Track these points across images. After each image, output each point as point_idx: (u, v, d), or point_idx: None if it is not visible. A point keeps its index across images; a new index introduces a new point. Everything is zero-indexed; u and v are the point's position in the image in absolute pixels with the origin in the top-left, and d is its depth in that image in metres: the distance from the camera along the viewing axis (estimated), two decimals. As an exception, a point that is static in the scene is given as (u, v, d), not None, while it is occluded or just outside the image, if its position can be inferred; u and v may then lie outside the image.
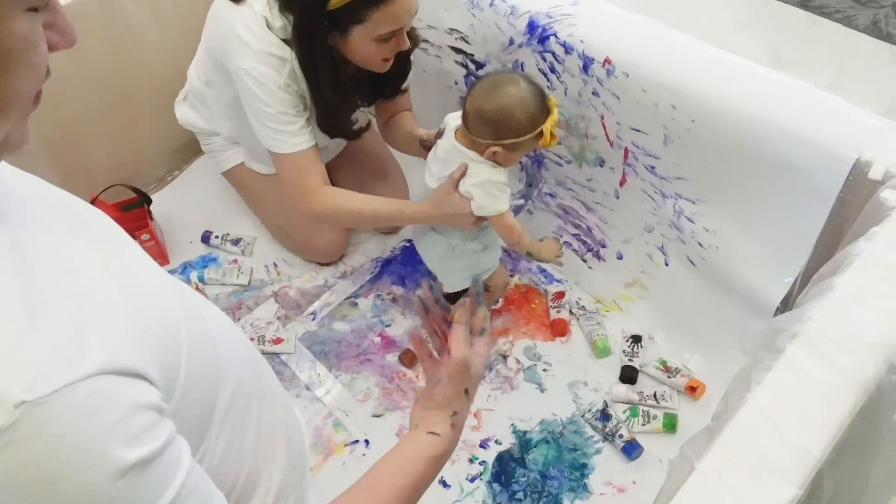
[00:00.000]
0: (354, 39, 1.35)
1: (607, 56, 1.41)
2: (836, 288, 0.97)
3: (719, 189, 1.38)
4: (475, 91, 1.29)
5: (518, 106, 1.25)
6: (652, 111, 1.39)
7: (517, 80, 1.27)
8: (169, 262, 1.89)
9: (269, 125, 1.43)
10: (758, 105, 1.26)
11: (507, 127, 1.26)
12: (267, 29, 1.39)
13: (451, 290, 1.54)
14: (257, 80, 1.39)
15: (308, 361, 1.65)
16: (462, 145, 1.33)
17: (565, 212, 1.71)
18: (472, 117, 1.29)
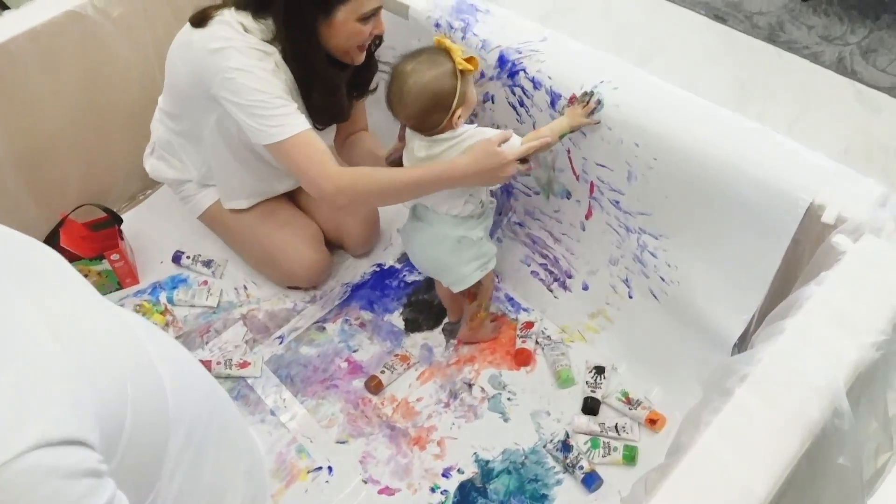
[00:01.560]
0: (339, 21, 1.40)
1: (573, 93, 1.44)
2: (785, 331, 1.00)
3: (681, 225, 1.41)
4: (395, 104, 1.37)
5: (426, 83, 1.32)
6: (616, 147, 1.42)
7: (404, 72, 1.34)
8: (139, 282, 1.89)
9: (267, 114, 1.40)
10: (717, 146, 1.30)
11: (441, 99, 1.33)
12: (245, 32, 1.42)
13: (464, 286, 1.54)
14: (246, 71, 1.39)
15: (274, 386, 1.65)
16: (436, 137, 1.38)
17: (533, 241, 1.74)
18: (417, 120, 1.36)
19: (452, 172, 1.38)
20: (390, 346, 1.71)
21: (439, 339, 1.71)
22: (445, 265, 1.53)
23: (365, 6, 1.41)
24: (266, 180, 1.74)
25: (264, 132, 1.41)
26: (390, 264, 1.88)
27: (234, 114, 1.43)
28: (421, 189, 1.42)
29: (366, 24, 1.44)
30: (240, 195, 1.74)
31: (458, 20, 1.59)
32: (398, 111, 1.38)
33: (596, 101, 1.40)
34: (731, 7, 2.66)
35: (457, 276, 1.53)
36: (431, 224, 1.49)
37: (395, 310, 1.78)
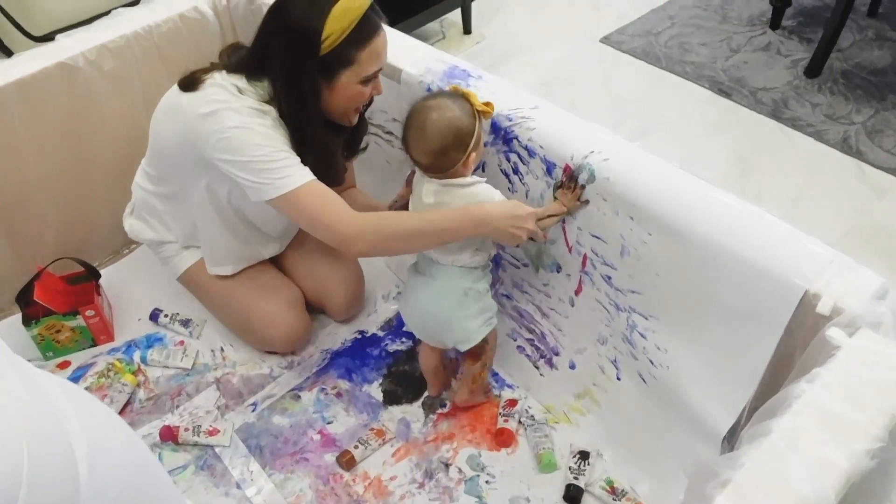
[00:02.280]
0: (341, 85, 1.40)
1: (567, 164, 1.39)
2: (772, 433, 0.92)
3: (671, 307, 1.35)
4: (412, 143, 1.36)
5: (450, 119, 1.33)
6: (611, 220, 1.37)
7: (427, 107, 1.34)
8: (113, 339, 1.83)
9: (273, 167, 1.35)
10: (711, 227, 1.24)
11: (462, 137, 1.34)
12: (240, 94, 1.39)
13: (471, 343, 1.47)
14: (245, 128, 1.35)
15: (242, 457, 1.57)
16: (448, 181, 1.37)
17: (520, 315, 1.67)
18: (435, 157, 1.35)
19: (483, 216, 1.36)
20: (367, 418, 1.63)
21: (418, 414, 1.64)
22: (451, 321, 1.46)
23: (368, 69, 1.40)
24: (252, 245, 1.70)
25: (269, 185, 1.35)
26: (373, 332, 1.81)
27: (233, 174, 1.37)
28: (450, 232, 1.37)
29: (366, 86, 1.44)
30: (225, 261, 1.69)
31: (449, 85, 1.56)
32: (417, 146, 1.36)
33: (581, 186, 1.39)
34: (735, 82, 2.65)
35: (464, 333, 1.47)
36: (436, 277, 1.45)
37: (374, 380, 1.71)
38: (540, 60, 2.81)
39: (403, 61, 1.65)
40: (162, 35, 1.87)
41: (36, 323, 1.72)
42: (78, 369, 1.76)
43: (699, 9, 3.01)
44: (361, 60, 1.38)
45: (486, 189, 1.40)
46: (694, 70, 2.69)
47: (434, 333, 1.52)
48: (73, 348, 1.80)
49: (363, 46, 1.37)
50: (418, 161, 1.38)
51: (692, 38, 2.85)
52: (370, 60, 1.39)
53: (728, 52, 2.77)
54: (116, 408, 1.66)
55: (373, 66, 1.41)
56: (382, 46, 1.41)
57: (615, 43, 2.85)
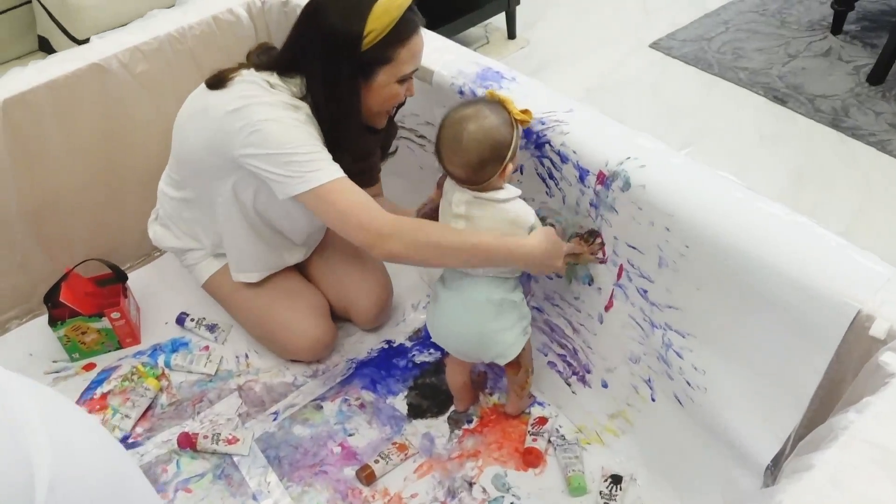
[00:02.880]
0: (378, 84, 1.36)
1: (601, 170, 1.32)
2: (814, 468, 0.83)
3: (710, 325, 1.25)
4: (447, 155, 1.29)
5: (488, 130, 1.25)
6: (647, 230, 1.29)
7: (464, 117, 1.27)
8: (139, 342, 1.81)
9: (303, 159, 1.30)
10: (754, 239, 1.15)
11: (499, 149, 1.26)
12: (272, 88, 1.36)
13: (511, 356, 1.41)
14: (275, 120, 1.31)
15: (260, 467, 1.53)
16: (482, 195, 1.30)
17: (551, 329, 1.59)
18: (472, 169, 1.28)
19: (521, 250, 1.31)
20: (390, 432, 1.57)
21: (443, 429, 1.57)
22: (486, 335, 1.39)
23: (405, 68, 1.37)
24: (277, 252, 1.66)
25: (298, 179, 1.30)
26: (400, 342, 1.75)
27: (260, 169, 1.33)
28: (485, 258, 1.31)
29: (402, 86, 1.40)
30: (251, 268, 1.65)
31: (481, 87, 1.50)
32: (452, 159, 1.29)
33: (600, 245, 1.36)
34: (792, 88, 2.52)
35: (501, 347, 1.40)
36: (466, 290, 1.37)
37: (399, 392, 1.64)
38: (586, 67, 2.73)
39: (436, 63, 1.59)
40: (195, 37, 1.85)
41: (62, 324, 1.71)
42: (102, 372, 1.75)
43: (756, 13, 2.88)
44: (400, 59, 1.35)
45: (520, 207, 1.33)
46: (748, 76, 2.57)
47: (469, 350, 1.45)
48: (99, 350, 1.78)
49: (402, 45, 1.34)
50: (453, 173, 1.31)
51: (747, 44, 2.73)
52: (408, 59, 1.36)
53: (785, 57, 2.65)
54: (138, 412, 1.63)
55: (410, 66, 1.38)
56: (420, 46, 1.38)
57: (665, 49, 2.74)
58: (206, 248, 1.70)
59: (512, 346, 1.39)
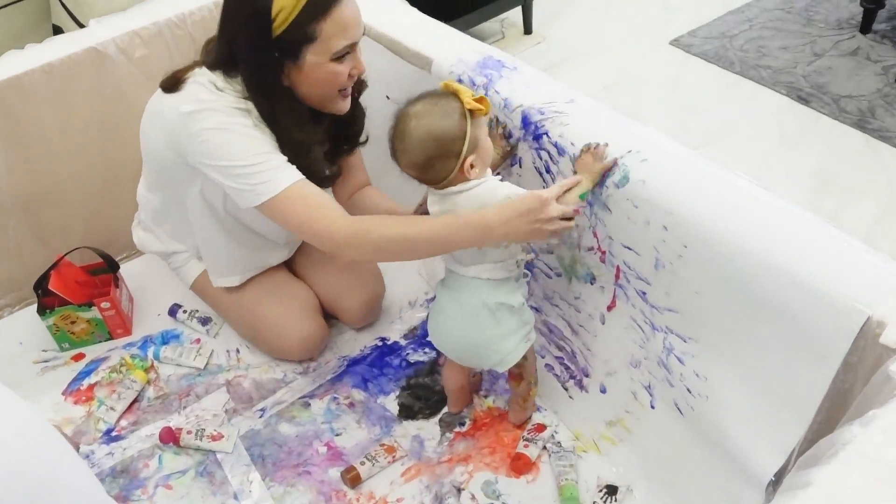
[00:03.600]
0: (309, 65, 1.26)
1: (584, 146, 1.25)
2: (812, 484, 0.75)
3: (712, 329, 1.18)
4: (397, 151, 1.21)
5: (429, 125, 1.16)
6: (643, 230, 1.21)
7: (405, 114, 1.18)
8: (130, 332, 1.77)
9: (253, 171, 1.24)
10: (756, 237, 1.07)
11: (446, 144, 1.16)
12: (219, 91, 1.30)
13: (508, 364, 1.33)
14: (223, 130, 1.26)
15: (244, 465, 1.48)
16: (446, 190, 1.22)
17: (549, 330, 1.52)
18: (421, 169, 1.20)
19: (483, 223, 1.18)
20: (379, 433, 1.51)
21: (434, 432, 1.51)
22: (483, 342, 1.31)
23: (335, 44, 1.25)
24: (259, 253, 1.60)
25: (252, 192, 1.26)
26: (395, 340, 1.69)
27: (216, 179, 1.29)
28: (445, 241, 1.21)
29: (341, 64, 1.28)
30: (231, 271, 1.60)
31: (481, 76, 1.44)
32: (400, 159, 1.21)
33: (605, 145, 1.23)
34: (816, 88, 2.42)
35: (499, 355, 1.32)
36: (461, 292, 1.30)
37: (391, 392, 1.58)
38: (604, 63, 2.65)
39: (435, 50, 1.53)
40: (195, 23, 1.81)
41: (51, 313, 1.67)
42: (91, 362, 1.71)
43: (782, 11, 2.79)
44: (325, 34, 1.23)
45: (488, 188, 1.21)
46: (771, 75, 2.48)
47: (466, 356, 1.38)
48: (89, 341, 1.74)
49: (323, 18, 1.22)
50: (408, 174, 1.23)
51: (771, 42, 2.63)
52: (335, 33, 1.23)
53: (811, 56, 2.55)
54: (123, 405, 1.59)
55: (340, 40, 1.25)
56: (349, 16, 1.24)
57: (685, 46, 2.66)
58: (189, 249, 1.66)
59: (511, 353, 1.32)
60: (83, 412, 1.61)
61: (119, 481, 1.47)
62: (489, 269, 1.27)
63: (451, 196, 1.22)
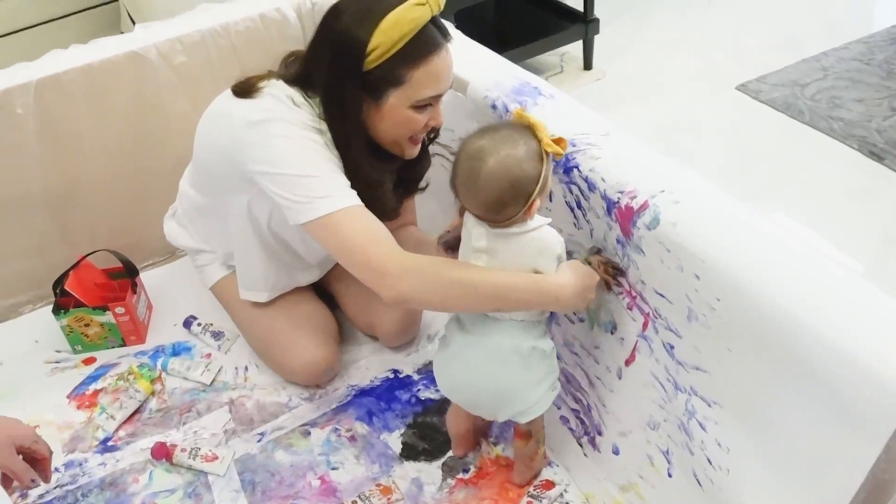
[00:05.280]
0: (389, 107, 1.22)
1: (627, 202, 1.15)
2: None
3: (740, 394, 1.05)
4: (463, 188, 1.11)
5: (509, 167, 1.07)
6: (675, 276, 1.10)
7: (481, 150, 1.08)
8: (144, 340, 1.74)
9: (314, 184, 1.18)
10: (797, 297, 0.95)
11: (523, 188, 1.08)
12: (296, 106, 1.26)
13: (535, 414, 1.23)
14: (291, 139, 1.21)
15: (233, 491, 1.41)
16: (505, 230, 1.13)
17: (567, 380, 1.41)
18: (490, 211, 1.11)
19: (553, 287, 1.13)
20: (377, 471, 1.42)
21: (435, 476, 1.41)
22: (512, 390, 1.20)
23: (420, 93, 1.21)
24: (290, 272, 1.56)
25: (307, 205, 1.19)
26: (407, 373, 1.60)
27: (271, 190, 1.22)
28: (512, 302, 1.13)
29: (421, 113, 1.25)
30: (261, 287, 1.55)
31: (515, 102, 1.36)
32: (468, 197, 1.12)
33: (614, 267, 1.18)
34: (892, 145, 2.25)
35: (527, 403, 1.21)
36: (488, 336, 1.18)
37: (395, 428, 1.49)
38: (663, 104, 2.54)
39: (471, 73, 1.46)
40: (239, 34, 1.79)
41: (65, 313, 1.65)
42: (101, 367, 1.68)
43: (860, 62, 2.63)
44: (413, 81, 1.20)
45: (547, 235, 1.14)
46: (843, 128, 2.32)
47: (485, 405, 1.26)
48: (102, 345, 1.71)
49: (416, 65, 1.19)
50: (471, 211, 1.14)
51: (846, 93, 2.48)
52: (424, 83, 1.21)
53: (888, 111, 2.38)
54: (124, 414, 1.55)
55: (427, 90, 1.22)
56: (442, 69, 1.22)
57: (752, 92, 2.53)
58: (217, 253, 1.62)
59: (537, 403, 1.22)
60: (84, 418, 1.57)
61: (105, 494, 1.42)
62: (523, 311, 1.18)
63: (506, 237, 1.13)
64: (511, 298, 1.12)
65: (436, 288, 1.13)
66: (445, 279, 1.13)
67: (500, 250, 1.14)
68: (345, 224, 1.18)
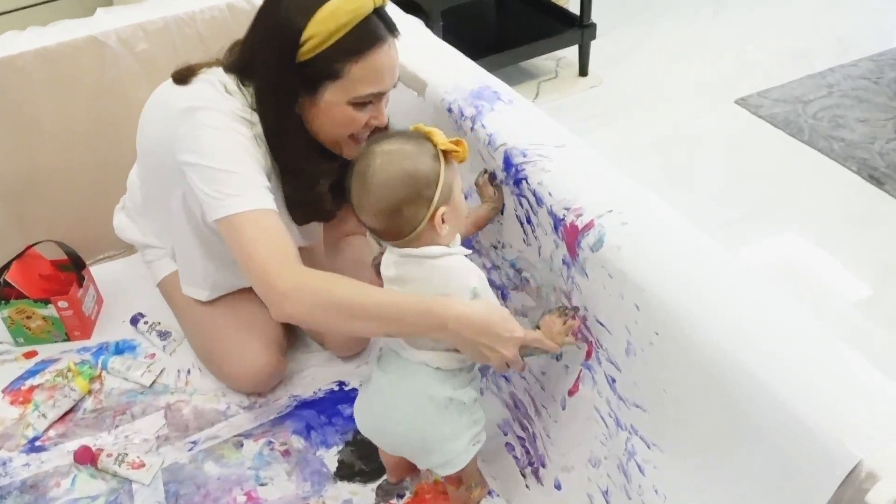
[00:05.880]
0: (326, 102, 1.16)
1: (572, 220, 1.06)
2: None
3: (678, 437, 0.97)
4: (356, 202, 1.03)
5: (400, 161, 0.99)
6: (617, 305, 1.02)
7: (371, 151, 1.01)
8: (89, 337, 1.67)
9: (228, 180, 1.11)
10: (741, 342, 0.86)
11: (418, 185, 0.99)
12: (228, 94, 1.20)
13: (456, 467, 1.13)
14: (218, 129, 1.15)
15: (156, 502, 1.33)
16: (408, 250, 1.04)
17: (515, 404, 1.32)
18: (385, 218, 1.01)
19: (445, 318, 1.00)
20: (308, 490, 1.34)
21: (368, 499, 1.32)
22: (429, 440, 1.11)
23: (359, 89, 1.14)
24: (233, 271, 1.46)
25: (218, 202, 1.12)
26: (353, 386, 1.52)
27: (193, 181, 1.16)
28: (402, 325, 1.03)
29: (360, 111, 1.18)
30: (201, 284, 1.48)
31: (471, 106, 1.28)
32: (362, 206, 1.02)
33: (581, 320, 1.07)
34: (894, 168, 2.14)
35: (446, 456, 1.12)
36: (403, 379, 1.10)
37: (334, 444, 1.41)
38: (661, 115, 2.44)
39: (432, 74, 1.38)
40: (205, 22, 1.72)
41: (6, 304, 1.59)
42: (42, 362, 1.61)
43: (868, 80, 2.51)
44: (351, 76, 1.13)
45: (457, 263, 1.04)
46: (843, 149, 2.21)
47: (404, 452, 1.19)
48: (45, 339, 1.65)
49: (354, 59, 1.12)
50: (370, 227, 1.05)
51: (850, 112, 2.36)
52: (362, 79, 1.13)
53: (893, 133, 2.27)
54: (56, 413, 1.48)
55: (366, 87, 1.15)
56: (384, 64, 1.15)
57: (753, 107, 2.42)
58: (166, 248, 1.55)
59: (458, 457, 1.12)
60: (16, 414, 1.50)
61: (25, 497, 1.35)
62: (442, 357, 1.08)
63: (411, 260, 1.04)
64: (400, 320, 1.02)
65: (324, 308, 1.04)
66: (335, 299, 1.03)
67: (410, 278, 1.05)
68: (248, 228, 1.10)
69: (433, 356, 1.08)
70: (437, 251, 1.02)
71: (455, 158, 1.01)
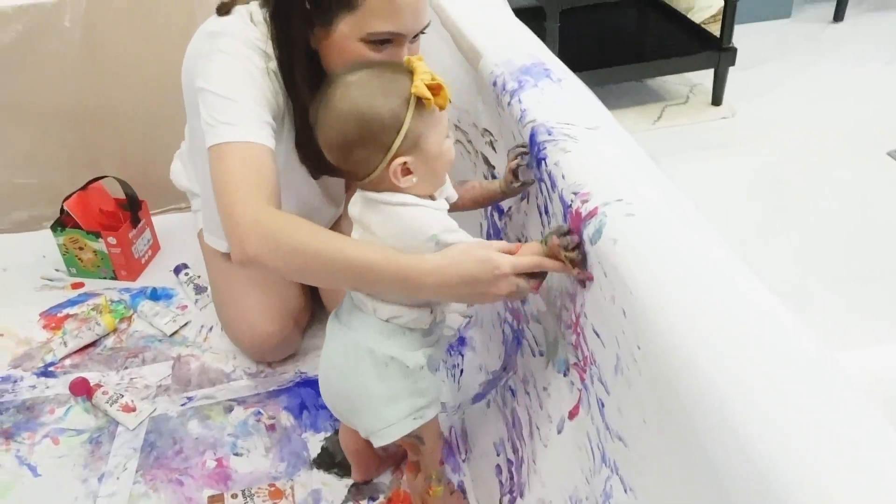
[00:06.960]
0: (339, 34, 1.06)
1: (578, 206, 0.90)
2: None
3: (657, 483, 0.77)
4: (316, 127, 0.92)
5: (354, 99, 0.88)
6: (609, 310, 0.84)
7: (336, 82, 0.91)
8: (135, 278, 1.68)
9: (225, 108, 1.04)
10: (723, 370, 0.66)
11: (369, 129, 0.88)
12: (251, 23, 1.14)
13: (386, 439, 1.00)
14: (231, 55, 1.09)
15: (131, 449, 1.29)
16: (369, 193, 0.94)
17: (513, 422, 1.16)
18: (338, 154, 0.92)
19: (415, 273, 0.89)
20: (281, 470, 1.25)
21: (338, 494, 1.21)
22: (363, 397, 0.99)
23: (373, 24, 1.04)
24: None
25: (212, 129, 1.05)
26: (362, 373, 1.41)
27: (201, 107, 1.10)
28: (364, 278, 0.92)
29: (377, 52, 1.07)
30: (218, 232, 1.43)
31: (514, 81, 1.14)
32: (319, 135, 0.94)
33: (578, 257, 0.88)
34: None
35: (374, 421, 1.00)
36: (353, 329, 0.99)
37: (323, 430, 1.31)
38: (792, 159, 2.15)
39: (489, 46, 1.26)
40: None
41: (62, 231, 1.62)
42: (84, 294, 1.65)
43: None
44: (367, 8, 1.02)
45: (417, 214, 0.92)
46: None
47: (339, 409, 1.06)
48: (94, 273, 1.67)
49: None
50: (329, 158, 0.95)
51: None
52: (380, 12, 1.03)
53: None
54: (76, 344, 1.50)
55: (382, 23, 1.03)
56: (405, 1, 1.03)
57: (908, 160, 2.09)
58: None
59: (390, 427, 0.99)
60: (45, 338, 1.53)
61: (18, 417, 1.36)
62: (394, 309, 0.96)
63: (376, 204, 0.93)
64: (367, 278, 0.91)
65: (284, 253, 0.92)
66: (296, 244, 0.92)
67: (372, 222, 0.93)
68: (231, 159, 1.01)
69: (383, 307, 0.96)
70: (395, 198, 0.91)
71: (428, 105, 0.88)
